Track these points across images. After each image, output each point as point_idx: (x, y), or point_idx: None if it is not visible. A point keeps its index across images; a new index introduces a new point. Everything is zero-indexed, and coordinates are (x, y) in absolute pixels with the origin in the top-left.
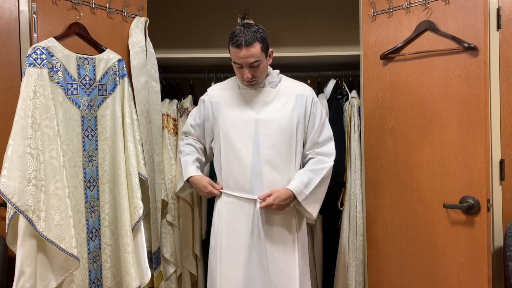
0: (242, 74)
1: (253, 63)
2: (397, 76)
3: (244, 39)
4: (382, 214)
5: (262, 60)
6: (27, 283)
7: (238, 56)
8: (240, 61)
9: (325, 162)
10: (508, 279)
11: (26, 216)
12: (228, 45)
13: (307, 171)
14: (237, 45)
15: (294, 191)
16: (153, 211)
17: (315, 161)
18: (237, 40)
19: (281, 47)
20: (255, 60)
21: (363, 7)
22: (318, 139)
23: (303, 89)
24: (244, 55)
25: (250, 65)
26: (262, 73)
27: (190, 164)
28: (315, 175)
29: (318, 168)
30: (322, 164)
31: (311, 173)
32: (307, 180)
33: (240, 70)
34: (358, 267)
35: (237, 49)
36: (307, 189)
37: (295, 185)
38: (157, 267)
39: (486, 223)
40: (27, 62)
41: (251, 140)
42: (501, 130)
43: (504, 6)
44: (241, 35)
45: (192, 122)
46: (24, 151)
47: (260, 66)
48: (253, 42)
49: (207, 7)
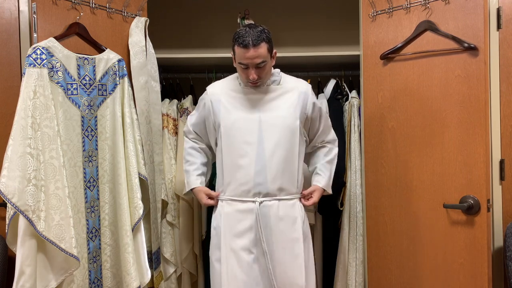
0: (247, 75)
1: (260, 64)
2: (397, 76)
3: (251, 39)
4: (382, 214)
5: (268, 61)
6: (27, 283)
7: (245, 57)
8: (247, 61)
9: (334, 150)
10: (508, 279)
11: (26, 216)
12: (233, 46)
13: (325, 165)
14: (244, 45)
15: (326, 189)
16: (153, 211)
17: (327, 151)
18: (244, 40)
19: (281, 47)
20: (262, 60)
21: (363, 7)
22: (323, 129)
23: (305, 87)
24: (251, 56)
25: (256, 66)
26: (267, 74)
27: (191, 174)
28: (332, 165)
29: (331, 158)
30: (333, 153)
31: (329, 165)
32: (330, 174)
33: (245, 71)
34: (358, 267)
35: (244, 49)
36: (331, 179)
37: (326, 182)
38: (157, 267)
39: (486, 223)
40: (27, 62)
41: (255, 138)
42: (501, 130)
43: (504, 6)
44: (247, 36)
45: (193, 121)
46: (24, 151)
47: (266, 67)
48: (260, 42)
49: (207, 7)
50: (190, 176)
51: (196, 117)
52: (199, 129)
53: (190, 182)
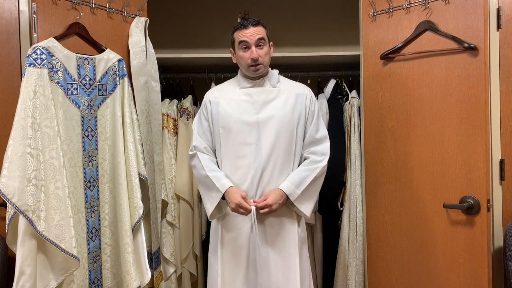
0: (249, 55)
1: (260, 41)
2: (397, 76)
3: (250, 21)
4: (382, 214)
5: (266, 43)
6: (27, 283)
7: (245, 34)
8: (247, 38)
9: (317, 162)
10: (508, 279)
11: (26, 216)
12: (232, 34)
13: (299, 171)
14: (244, 26)
15: (285, 191)
16: (153, 211)
17: (308, 162)
18: (242, 23)
19: (281, 47)
20: (261, 37)
21: (363, 7)
22: (316, 135)
23: (302, 89)
24: (251, 32)
25: (257, 44)
26: (266, 57)
27: (221, 177)
28: (307, 174)
29: (310, 167)
30: (315, 164)
31: (303, 173)
32: (298, 180)
33: (246, 52)
34: (358, 267)
35: (244, 29)
36: (299, 188)
37: (286, 185)
38: (157, 267)
39: (486, 223)
40: (27, 62)
41: (253, 139)
42: (501, 130)
43: (504, 6)
44: (246, 20)
45: (200, 132)
46: (24, 151)
47: (265, 48)
48: (258, 24)
49: (207, 7)
50: (221, 179)
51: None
52: (206, 137)
53: (225, 184)
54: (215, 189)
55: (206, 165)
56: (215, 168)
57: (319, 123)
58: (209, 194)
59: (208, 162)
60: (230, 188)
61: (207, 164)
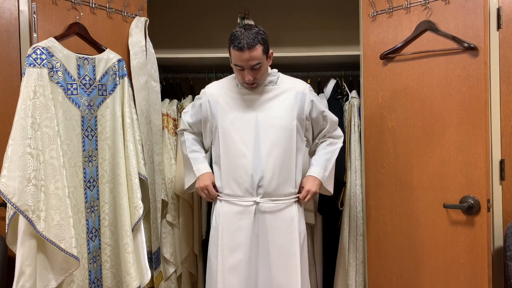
0: (243, 77)
1: (255, 66)
2: (397, 76)
3: (246, 41)
4: (382, 214)
5: (263, 63)
6: (27, 283)
7: (240, 59)
8: (242, 63)
9: (335, 143)
10: (508, 279)
11: (26, 216)
12: (229, 47)
13: (323, 154)
14: (239, 48)
15: (317, 177)
16: (153, 211)
17: (327, 144)
18: (239, 42)
19: (281, 47)
20: (257, 62)
21: (363, 7)
22: (326, 128)
23: (302, 86)
24: (246, 58)
25: (251, 68)
26: (263, 75)
27: (201, 161)
28: (329, 157)
29: (331, 149)
30: (334, 146)
31: (326, 155)
32: (324, 164)
33: (241, 72)
34: (358, 267)
35: (239, 52)
36: (326, 171)
37: (317, 170)
38: (157, 267)
39: (486, 223)
40: (27, 62)
41: (252, 139)
42: (501, 130)
43: (504, 6)
44: (242, 38)
45: (190, 120)
46: (24, 151)
47: (261, 68)
48: (255, 44)
49: (207, 7)
50: (201, 162)
51: (192, 116)
52: (196, 127)
53: (201, 169)
54: (192, 171)
55: (188, 146)
56: (197, 149)
57: (326, 114)
58: (188, 172)
59: (191, 143)
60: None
61: (189, 145)
